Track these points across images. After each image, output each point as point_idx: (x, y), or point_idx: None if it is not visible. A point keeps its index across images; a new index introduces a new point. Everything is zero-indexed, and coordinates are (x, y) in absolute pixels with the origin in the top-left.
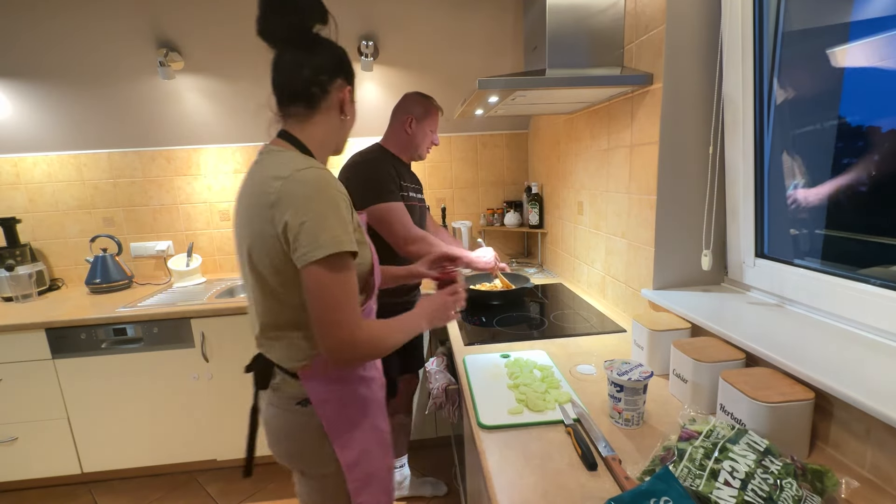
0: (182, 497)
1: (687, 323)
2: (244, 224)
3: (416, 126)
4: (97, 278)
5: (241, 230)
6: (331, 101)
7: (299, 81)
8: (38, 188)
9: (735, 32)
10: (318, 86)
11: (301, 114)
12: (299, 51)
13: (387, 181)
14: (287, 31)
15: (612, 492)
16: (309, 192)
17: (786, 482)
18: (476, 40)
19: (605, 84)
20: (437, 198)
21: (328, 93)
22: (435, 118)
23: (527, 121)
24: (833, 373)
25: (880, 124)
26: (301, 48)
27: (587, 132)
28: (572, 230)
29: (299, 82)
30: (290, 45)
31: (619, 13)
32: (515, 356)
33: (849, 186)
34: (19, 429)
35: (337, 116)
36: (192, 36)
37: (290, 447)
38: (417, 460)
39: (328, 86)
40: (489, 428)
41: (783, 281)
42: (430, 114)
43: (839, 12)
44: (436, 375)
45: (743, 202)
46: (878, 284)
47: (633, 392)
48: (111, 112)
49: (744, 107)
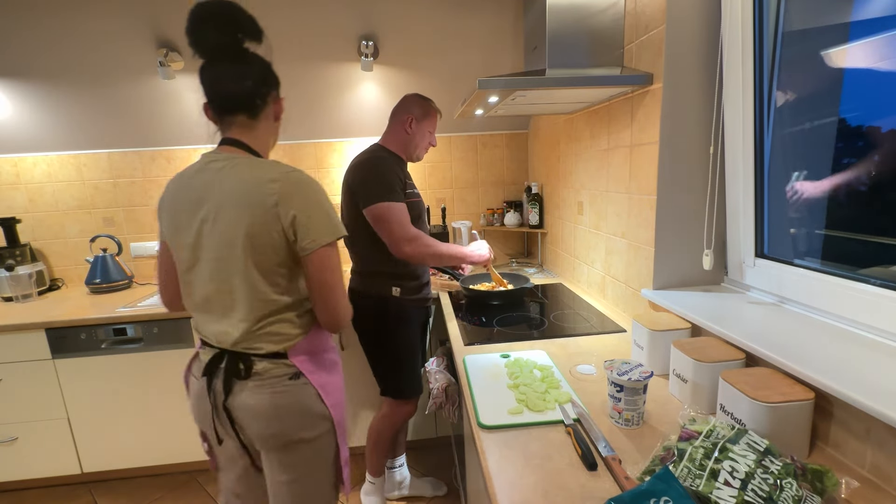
0: (182, 497)
1: (687, 323)
2: (235, 224)
3: (416, 126)
4: (97, 278)
5: (227, 231)
6: (269, 111)
7: (243, 94)
8: (38, 188)
9: (735, 33)
10: (260, 97)
11: (244, 122)
12: (234, 62)
13: (392, 181)
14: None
15: (612, 492)
16: (307, 190)
17: (786, 482)
18: (476, 40)
19: (605, 84)
20: (437, 198)
21: (267, 104)
22: (434, 120)
23: (527, 121)
24: (833, 373)
25: (880, 124)
26: (234, 60)
27: (587, 132)
28: (572, 230)
29: (243, 95)
30: (223, 58)
31: (619, 13)
32: (515, 356)
33: (848, 186)
34: (19, 429)
35: (273, 123)
36: None
37: (287, 421)
38: (417, 460)
39: (267, 97)
40: (489, 428)
41: (783, 281)
42: (430, 115)
43: (839, 12)
44: (436, 375)
45: (743, 202)
46: (878, 284)
47: (633, 392)
48: (111, 112)
49: (744, 107)
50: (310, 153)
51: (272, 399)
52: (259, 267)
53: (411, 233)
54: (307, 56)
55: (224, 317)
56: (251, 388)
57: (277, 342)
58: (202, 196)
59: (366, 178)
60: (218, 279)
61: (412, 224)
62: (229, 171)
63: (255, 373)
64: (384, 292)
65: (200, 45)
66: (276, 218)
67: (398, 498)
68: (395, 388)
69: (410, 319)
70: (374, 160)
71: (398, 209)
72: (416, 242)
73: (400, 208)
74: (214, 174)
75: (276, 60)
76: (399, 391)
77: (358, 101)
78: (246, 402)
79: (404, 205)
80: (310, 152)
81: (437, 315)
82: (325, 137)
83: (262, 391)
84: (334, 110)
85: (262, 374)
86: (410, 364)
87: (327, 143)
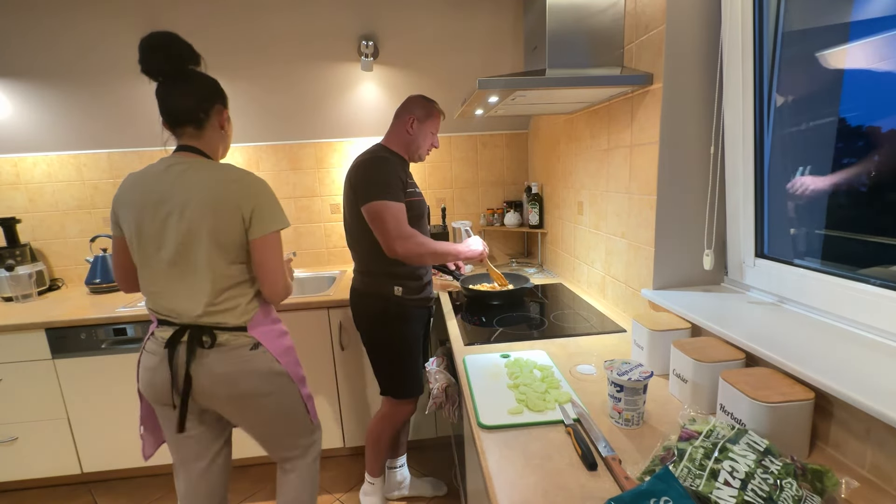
0: None
1: (687, 323)
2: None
3: (418, 127)
4: (97, 278)
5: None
6: (213, 122)
7: (187, 110)
8: (38, 188)
9: (735, 32)
10: (203, 112)
11: (192, 133)
12: (180, 83)
13: (392, 180)
14: (167, 69)
15: (612, 492)
16: (262, 189)
17: (786, 482)
18: (476, 40)
19: (605, 84)
20: (437, 198)
21: (210, 116)
22: (436, 121)
23: (527, 121)
24: (833, 373)
25: (880, 124)
26: (180, 81)
27: (587, 132)
28: (572, 230)
29: (188, 110)
30: (170, 79)
31: (619, 13)
32: (515, 356)
33: (848, 186)
34: (19, 429)
35: (219, 132)
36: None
37: (252, 382)
38: (417, 460)
39: (210, 111)
40: (489, 428)
41: (783, 281)
42: (432, 116)
43: (839, 12)
44: (436, 375)
45: (743, 202)
46: (878, 284)
47: (633, 392)
48: (111, 112)
49: (744, 107)
50: (310, 153)
51: (239, 366)
52: (221, 249)
53: (405, 231)
54: (307, 56)
55: (190, 293)
56: (216, 358)
57: (237, 316)
58: (166, 194)
59: (365, 177)
60: (183, 262)
61: (411, 224)
62: (191, 174)
63: (219, 343)
64: (385, 292)
65: (149, 71)
66: (238, 210)
67: (398, 498)
68: (394, 388)
69: (412, 319)
70: (374, 160)
71: (395, 208)
72: (409, 241)
73: (397, 207)
74: (177, 176)
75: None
76: (398, 391)
77: (358, 101)
78: (212, 370)
79: (402, 204)
80: (310, 152)
81: (438, 315)
82: (325, 137)
83: (229, 360)
84: (334, 110)
85: (226, 344)
86: (410, 364)
87: (327, 143)
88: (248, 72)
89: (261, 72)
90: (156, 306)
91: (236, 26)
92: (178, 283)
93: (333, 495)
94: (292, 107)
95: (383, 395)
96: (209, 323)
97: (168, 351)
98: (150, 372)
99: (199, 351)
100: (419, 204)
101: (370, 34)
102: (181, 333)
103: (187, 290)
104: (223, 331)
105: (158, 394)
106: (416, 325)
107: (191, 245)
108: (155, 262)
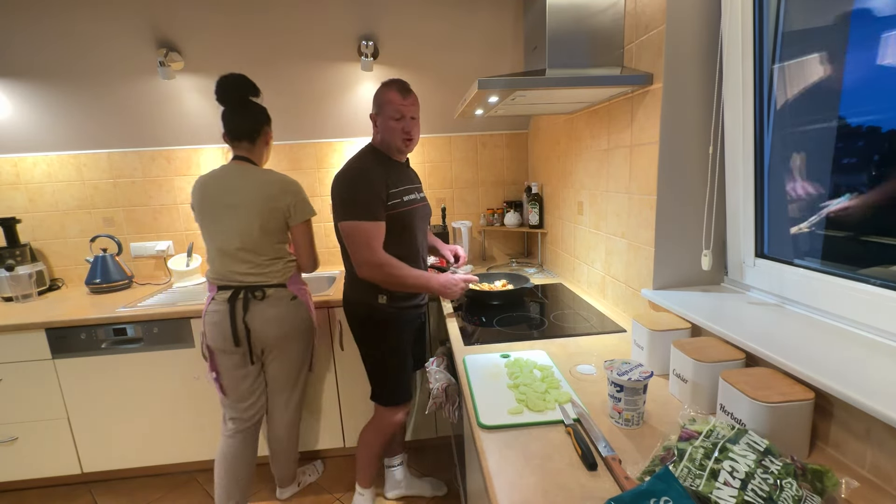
0: (182, 497)
1: (687, 323)
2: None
3: (380, 121)
4: (97, 278)
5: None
6: (262, 139)
7: (245, 130)
8: (38, 188)
9: (735, 33)
10: (256, 132)
11: (246, 146)
12: (241, 111)
13: (366, 197)
14: (235, 101)
15: (612, 492)
16: (297, 188)
17: (786, 482)
18: (476, 40)
19: (605, 84)
20: (437, 198)
21: (261, 135)
22: (393, 105)
23: (527, 121)
24: (833, 373)
25: (880, 124)
26: (242, 109)
27: (587, 132)
28: (572, 230)
29: (245, 131)
30: (235, 108)
31: (619, 13)
32: (515, 356)
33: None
34: (19, 429)
35: (265, 146)
36: (192, 36)
37: (292, 324)
38: (417, 460)
39: (260, 131)
40: (489, 428)
41: (783, 281)
42: (386, 102)
43: (839, 12)
44: (436, 375)
45: (743, 202)
46: (878, 284)
47: (633, 392)
48: (111, 112)
49: (744, 107)
50: (310, 153)
51: (283, 310)
52: (267, 233)
53: (374, 259)
54: (307, 56)
55: (247, 263)
56: (267, 305)
57: (279, 277)
58: (226, 190)
59: (339, 194)
60: (240, 240)
61: (396, 238)
62: (245, 177)
63: (268, 296)
64: (369, 300)
65: (223, 101)
66: (280, 204)
67: (398, 497)
68: (381, 394)
69: (398, 325)
70: (351, 173)
71: (366, 230)
72: (376, 270)
73: (369, 229)
74: (235, 178)
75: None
76: (385, 397)
77: (358, 101)
78: (264, 314)
79: (377, 224)
80: (310, 152)
81: (438, 315)
82: (325, 137)
83: (276, 306)
84: (334, 110)
85: (273, 296)
86: (397, 370)
87: (327, 143)
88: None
89: (261, 72)
90: (217, 273)
91: (237, 27)
92: (240, 256)
93: (333, 495)
94: (292, 107)
95: (372, 400)
96: (259, 282)
97: (230, 306)
98: (217, 326)
99: (253, 302)
100: (408, 214)
101: (370, 34)
102: (238, 292)
103: (245, 260)
104: (269, 287)
105: (225, 340)
106: (405, 331)
107: (248, 227)
108: (220, 241)
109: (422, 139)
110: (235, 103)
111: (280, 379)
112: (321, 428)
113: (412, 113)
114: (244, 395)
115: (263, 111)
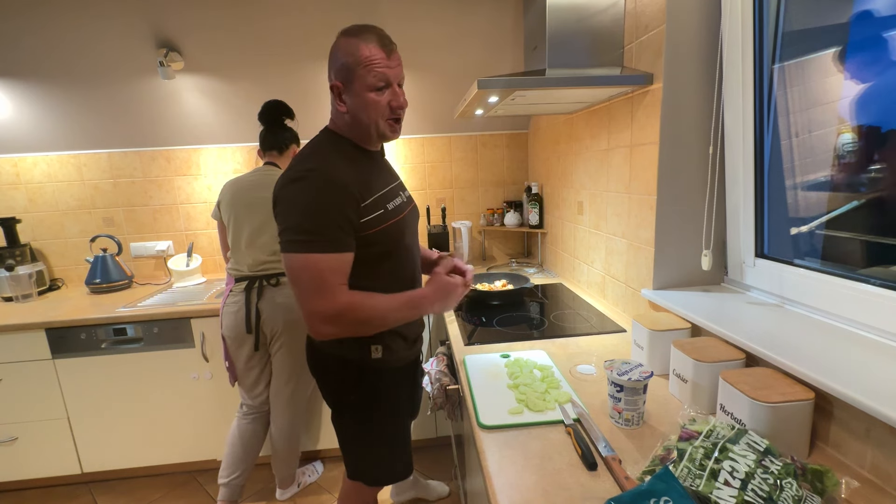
0: (182, 497)
1: (687, 323)
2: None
3: (348, 98)
4: (97, 278)
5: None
6: (289, 152)
7: (276, 143)
8: (38, 188)
9: (735, 33)
10: (284, 145)
11: (275, 155)
12: (276, 129)
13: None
14: (271, 121)
15: (612, 492)
16: None
17: (786, 482)
18: (476, 40)
19: (605, 84)
20: (437, 198)
21: (290, 148)
22: (374, 65)
23: (527, 121)
24: (833, 373)
25: (880, 124)
26: (276, 127)
27: (587, 132)
28: (572, 230)
29: (276, 144)
30: (273, 125)
31: (619, 13)
32: (515, 356)
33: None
34: (19, 429)
35: (290, 157)
36: (192, 36)
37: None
38: (417, 460)
39: (289, 146)
40: (489, 428)
41: (783, 281)
42: (362, 60)
43: (839, 12)
44: (436, 375)
45: (743, 202)
46: (878, 284)
47: (633, 392)
48: (111, 112)
49: (744, 107)
50: None
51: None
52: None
53: (331, 307)
54: (307, 56)
55: (274, 254)
56: (278, 292)
57: None
58: (257, 187)
59: (287, 210)
60: (258, 233)
61: (372, 266)
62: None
63: (282, 283)
64: (356, 355)
65: (265, 120)
66: None
67: (406, 501)
68: (370, 471)
69: (397, 385)
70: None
71: (319, 268)
72: (338, 320)
73: (324, 267)
74: (264, 177)
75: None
76: (378, 479)
77: None
78: (274, 300)
79: (341, 257)
80: None
81: (438, 315)
82: None
83: (288, 294)
84: None
85: (286, 284)
86: (396, 444)
87: None
88: (250, 72)
89: (261, 72)
90: (243, 264)
91: (237, 27)
92: (258, 246)
93: (333, 495)
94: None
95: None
96: (278, 270)
97: (246, 294)
98: (233, 315)
99: (267, 288)
100: (396, 228)
101: None
102: (254, 282)
103: (262, 250)
104: (282, 275)
105: (239, 327)
106: (403, 386)
107: (265, 223)
108: (242, 233)
109: (422, 139)
110: (273, 123)
111: (285, 369)
112: (321, 428)
113: (399, 78)
114: (253, 384)
115: (295, 134)
